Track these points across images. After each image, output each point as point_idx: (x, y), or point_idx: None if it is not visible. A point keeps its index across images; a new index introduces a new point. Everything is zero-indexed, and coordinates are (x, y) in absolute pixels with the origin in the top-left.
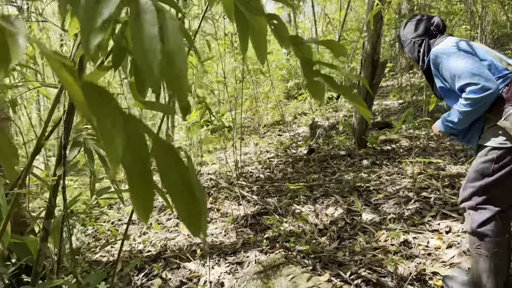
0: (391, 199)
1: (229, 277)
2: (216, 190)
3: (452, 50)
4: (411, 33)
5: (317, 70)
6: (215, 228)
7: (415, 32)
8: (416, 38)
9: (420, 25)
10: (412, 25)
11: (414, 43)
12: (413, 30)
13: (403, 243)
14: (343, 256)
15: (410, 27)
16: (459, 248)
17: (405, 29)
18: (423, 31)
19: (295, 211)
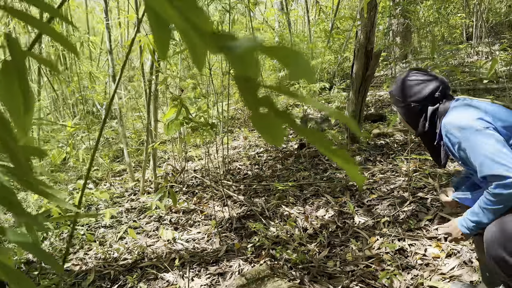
0: (385, 200)
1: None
2: (201, 189)
3: (467, 125)
4: (409, 95)
5: (266, 97)
6: (198, 233)
7: (415, 95)
8: (415, 102)
9: (421, 88)
10: (411, 85)
11: (412, 107)
12: (412, 93)
13: (399, 251)
14: (334, 266)
15: (408, 88)
16: (459, 258)
17: (402, 88)
18: (425, 96)
19: (283, 213)
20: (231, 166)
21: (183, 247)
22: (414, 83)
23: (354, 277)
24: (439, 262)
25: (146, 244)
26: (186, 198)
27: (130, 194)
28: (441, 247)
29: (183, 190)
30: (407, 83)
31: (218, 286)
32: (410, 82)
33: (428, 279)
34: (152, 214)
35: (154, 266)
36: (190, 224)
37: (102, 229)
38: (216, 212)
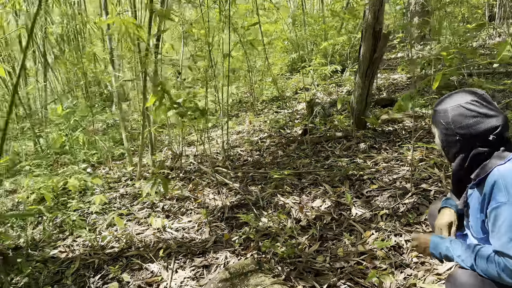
0: (386, 191)
1: (192, 284)
2: (198, 175)
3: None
4: (459, 125)
5: None
6: (189, 221)
7: (466, 128)
8: (462, 136)
9: (476, 122)
10: (465, 114)
11: (456, 139)
12: (464, 124)
13: (394, 247)
14: (323, 262)
15: (461, 116)
16: None
17: (453, 113)
18: (477, 133)
19: (278, 202)
20: (231, 152)
21: (172, 236)
22: (469, 113)
23: (342, 275)
24: (436, 261)
25: (135, 232)
26: (182, 184)
27: (127, 179)
28: None
29: (180, 176)
30: (462, 110)
31: (202, 278)
32: (466, 110)
33: (422, 279)
34: (145, 201)
35: (139, 256)
36: (182, 212)
37: (94, 215)
38: (210, 200)
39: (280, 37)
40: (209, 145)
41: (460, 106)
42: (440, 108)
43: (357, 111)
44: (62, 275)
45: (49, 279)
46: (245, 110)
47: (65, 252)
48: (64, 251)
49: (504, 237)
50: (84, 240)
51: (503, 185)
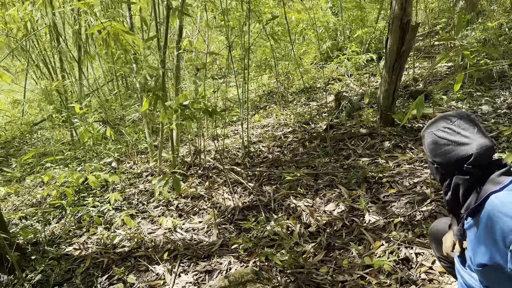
0: (404, 196)
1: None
2: (216, 173)
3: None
4: (432, 154)
5: None
6: (199, 222)
7: (439, 156)
8: (438, 165)
9: (448, 151)
10: (437, 142)
11: (436, 168)
12: (437, 153)
13: (403, 260)
14: (326, 274)
15: (433, 144)
16: None
17: (427, 141)
18: (449, 162)
19: (290, 205)
20: (253, 148)
21: (181, 237)
22: (441, 141)
23: None
24: (446, 279)
25: (147, 232)
26: (199, 182)
27: (147, 174)
28: None
29: (198, 173)
30: (434, 137)
31: (203, 284)
32: (437, 138)
33: None
34: (161, 199)
35: (147, 257)
36: (195, 212)
37: (112, 212)
38: (223, 200)
39: (312, 26)
40: (233, 139)
41: (433, 134)
42: (422, 133)
43: (383, 107)
44: (72, 273)
45: (60, 277)
46: (274, 102)
47: (79, 249)
48: (78, 248)
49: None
50: (98, 238)
51: (495, 217)
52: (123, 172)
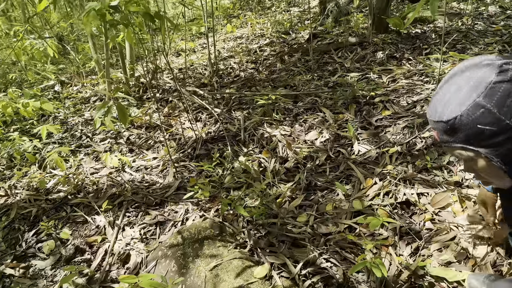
0: (401, 119)
1: (140, 247)
2: (177, 97)
3: None
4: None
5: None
6: (153, 159)
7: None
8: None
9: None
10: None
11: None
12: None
13: (402, 204)
14: (304, 225)
15: (502, 95)
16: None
17: (480, 94)
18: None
19: (263, 135)
20: (223, 65)
21: (130, 178)
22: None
23: (326, 247)
24: (460, 230)
25: (89, 172)
26: (157, 108)
27: (96, 99)
28: (466, 204)
29: (156, 97)
30: (498, 88)
31: (153, 239)
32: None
33: (436, 258)
34: (109, 130)
35: (86, 205)
36: (149, 145)
37: (51, 146)
38: (184, 130)
39: None
40: (201, 55)
41: (492, 85)
42: (457, 108)
43: (376, 10)
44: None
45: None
46: (250, 9)
47: (5, 196)
48: (4, 194)
49: None
50: (29, 180)
51: None
52: (67, 97)
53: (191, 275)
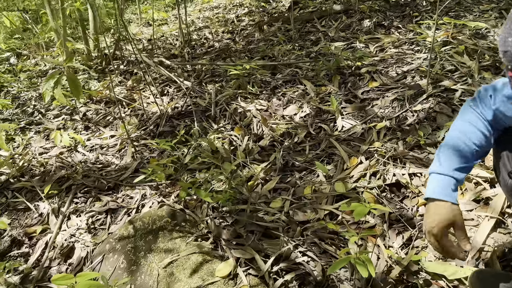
0: (389, 91)
1: (86, 239)
2: (144, 69)
3: None
4: None
5: None
6: (111, 137)
7: None
8: None
9: None
10: None
11: None
12: None
13: (392, 187)
14: (279, 210)
15: None
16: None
17: None
18: None
19: (236, 110)
20: (196, 35)
21: (83, 158)
22: None
23: (303, 238)
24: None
25: (37, 152)
26: (120, 81)
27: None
28: (465, 185)
29: (120, 69)
30: None
31: (103, 230)
32: None
33: (433, 251)
34: (65, 105)
35: (30, 190)
36: (108, 122)
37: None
38: (149, 104)
39: None
40: (173, 25)
41: None
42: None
43: None
44: None
45: None
46: None
47: None
48: None
49: None
50: None
51: None
52: (23, 70)
53: (142, 273)
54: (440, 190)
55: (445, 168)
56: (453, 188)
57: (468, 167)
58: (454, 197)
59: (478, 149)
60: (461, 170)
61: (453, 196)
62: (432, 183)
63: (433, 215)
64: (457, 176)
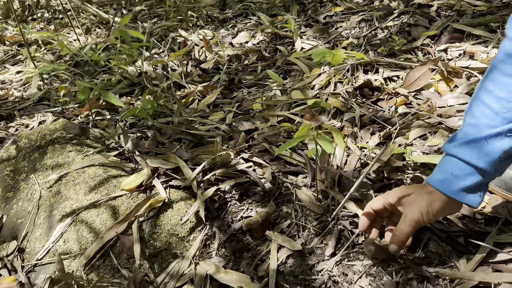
0: (356, 14)
1: None
2: (71, 15)
3: None
4: None
5: None
6: (17, 73)
7: None
8: None
9: None
10: None
11: None
12: None
13: (362, 89)
14: (219, 122)
15: None
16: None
17: None
18: None
19: (176, 40)
20: None
21: None
22: None
23: (249, 144)
24: (446, 104)
25: None
26: (42, 27)
27: None
28: (451, 80)
29: (45, 17)
30: None
31: None
32: None
33: (420, 148)
34: None
35: None
36: (16, 61)
37: None
38: (71, 43)
39: None
40: None
41: None
42: None
43: None
44: None
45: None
46: None
47: None
48: None
49: None
50: None
51: None
52: None
53: (20, 199)
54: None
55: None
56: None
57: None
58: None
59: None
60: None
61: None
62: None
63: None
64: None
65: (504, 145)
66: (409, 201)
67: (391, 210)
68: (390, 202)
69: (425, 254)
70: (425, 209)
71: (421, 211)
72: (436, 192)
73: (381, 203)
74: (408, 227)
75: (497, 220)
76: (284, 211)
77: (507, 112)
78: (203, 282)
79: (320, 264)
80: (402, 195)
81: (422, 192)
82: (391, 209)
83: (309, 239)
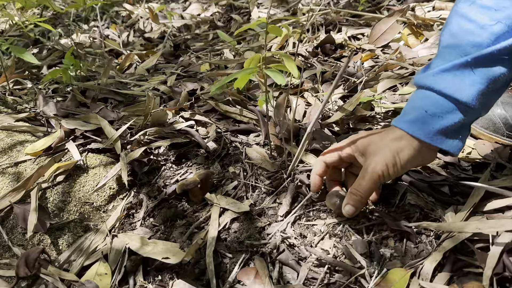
0: None
1: None
2: None
3: None
4: None
5: None
6: None
7: None
8: None
9: None
10: None
11: None
12: None
13: (322, 47)
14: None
15: None
16: None
17: None
18: None
19: (119, 13)
20: None
21: None
22: None
23: (191, 101)
24: (410, 53)
25: None
26: None
27: None
28: (421, 34)
29: None
30: None
31: None
32: None
33: (389, 99)
34: None
35: None
36: None
37: None
38: None
39: None
40: None
41: None
42: None
43: None
44: None
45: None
46: None
47: None
48: None
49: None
50: None
51: None
52: None
53: None
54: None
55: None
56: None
57: None
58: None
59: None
60: None
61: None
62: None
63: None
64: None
65: (495, 71)
66: (371, 150)
67: (349, 161)
68: (347, 153)
69: (402, 208)
70: (391, 159)
71: (386, 162)
72: (405, 137)
73: (336, 154)
74: (369, 183)
75: (487, 166)
76: (231, 171)
77: (495, 25)
78: (121, 257)
79: (272, 226)
80: (362, 144)
81: (387, 138)
82: (349, 160)
83: (260, 199)
